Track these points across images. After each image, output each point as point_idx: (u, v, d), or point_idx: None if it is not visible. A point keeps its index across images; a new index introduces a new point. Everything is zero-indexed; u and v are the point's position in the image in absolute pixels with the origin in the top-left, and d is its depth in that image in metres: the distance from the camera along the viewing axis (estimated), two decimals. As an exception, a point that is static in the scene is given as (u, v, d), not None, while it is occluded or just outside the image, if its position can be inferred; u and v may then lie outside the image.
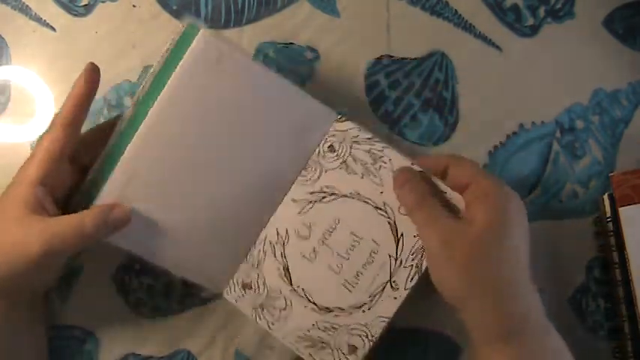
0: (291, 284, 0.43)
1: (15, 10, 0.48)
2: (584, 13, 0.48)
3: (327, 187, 0.42)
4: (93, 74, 0.40)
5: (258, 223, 0.43)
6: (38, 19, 0.48)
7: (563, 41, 0.48)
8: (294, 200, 0.43)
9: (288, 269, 0.43)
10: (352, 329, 0.42)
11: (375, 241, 0.42)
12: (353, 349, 0.42)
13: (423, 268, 0.41)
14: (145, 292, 0.46)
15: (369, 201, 0.42)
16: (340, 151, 0.43)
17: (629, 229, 0.43)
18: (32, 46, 0.48)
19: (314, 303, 0.42)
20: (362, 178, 0.42)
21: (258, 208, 0.43)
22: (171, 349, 0.46)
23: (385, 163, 0.42)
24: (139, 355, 0.46)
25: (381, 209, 0.42)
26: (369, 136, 0.42)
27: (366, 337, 0.42)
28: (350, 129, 0.42)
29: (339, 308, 0.42)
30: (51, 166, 0.38)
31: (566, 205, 0.47)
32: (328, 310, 0.42)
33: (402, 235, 0.41)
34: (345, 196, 0.42)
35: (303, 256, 0.42)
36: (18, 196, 0.38)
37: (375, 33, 0.48)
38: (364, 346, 0.42)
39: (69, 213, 0.39)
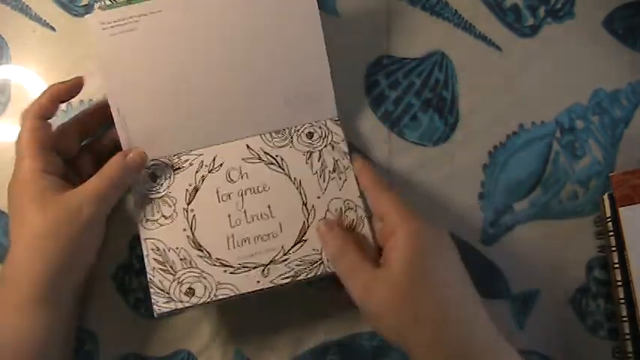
0: (188, 205, 0.43)
1: (15, 10, 0.48)
2: (584, 13, 0.48)
3: (281, 159, 0.44)
4: (77, 85, 0.43)
5: (211, 135, 0.44)
6: (38, 19, 0.48)
7: (563, 41, 0.48)
8: (248, 146, 0.44)
9: (196, 192, 0.43)
10: (204, 277, 0.42)
11: (280, 227, 0.43)
12: (191, 291, 0.42)
13: (300, 278, 0.42)
14: (144, 292, 0.46)
15: (303, 195, 0.43)
16: (314, 143, 0.44)
17: (629, 229, 0.43)
18: (32, 46, 0.48)
19: (193, 234, 0.43)
20: (313, 174, 0.44)
21: (221, 123, 0.44)
22: (171, 349, 0.46)
23: (340, 179, 0.43)
24: (139, 355, 0.46)
25: (306, 208, 0.43)
26: (346, 150, 0.44)
27: (210, 292, 0.42)
28: (336, 134, 0.44)
29: (208, 254, 0.42)
30: (44, 153, 0.40)
31: (566, 205, 0.47)
32: (199, 247, 0.43)
33: (304, 240, 0.43)
34: (289, 177, 0.44)
35: (217, 191, 0.43)
36: (33, 189, 0.39)
37: (375, 33, 0.48)
38: (201, 297, 0.42)
39: None
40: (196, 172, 0.44)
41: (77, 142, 0.44)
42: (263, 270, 0.42)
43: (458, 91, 0.47)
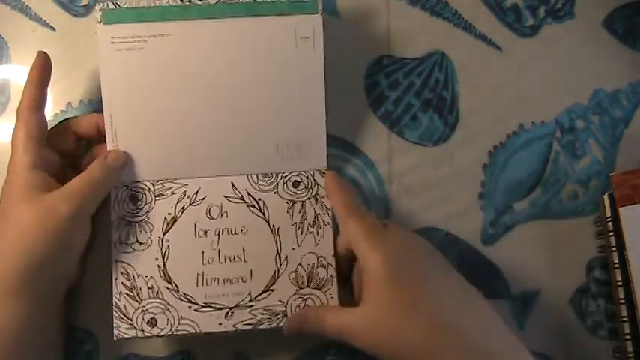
0: (164, 234, 0.43)
1: (15, 10, 0.48)
2: (584, 13, 0.48)
3: (263, 204, 0.44)
4: (45, 60, 0.43)
5: (198, 168, 0.44)
6: (38, 19, 0.48)
7: (563, 41, 0.48)
8: (232, 184, 0.44)
9: (174, 222, 0.43)
10: (168, 309, 0.42)
11: (251, 273, 0.43)
12: (153, 322, 0.42)
13: (262, 326, 0.42)
14: (144, 292, 0.46)
15: (279, 244, 0.43)
16: (299, 193, 0.44)
17: (629, 229, 0.43)
18: (32, 46, 0.48)
19: (164, 265, 0.43)
20: (292, 225, 0.44)
21: (209, 158, 0.44)
22: (172, 349, 0.46)
23: (317, 234, 0.43)
24: (139, 355, 0.46)
25: (279, 257, 0.43)
26: (329, 207, 0.44)
27: (172, 326, 0.42)
28: (322, 187, 0.44)
29: (176, 287, 0.43)
30: (36, 148, 0.40)
31: (566, 205, 0.47)
32: (169, 279, 0.43)
33: (272, 290, 0.43)
34: (268, 223, 0.43)
35: (194, 225, 0.43)
36: (21, 185, 0.39)
37: (375, 33, 0.48)
38: (162, 330, 0.42)
39: None
40: (177, 202, 0.44)
41: (73, 139, 0.44)
42: (227, 313, 0.42)
43: (458, 91, 0.47)
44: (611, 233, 0.44)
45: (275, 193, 0.44)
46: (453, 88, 0.48)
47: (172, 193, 0.44)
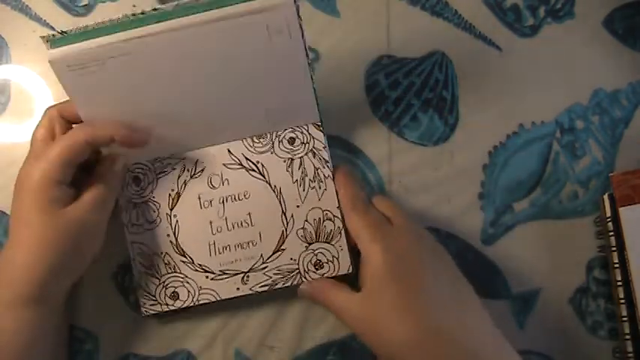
0: (171, 210, 0.44)
1: (15, 10, 0.48)
2: (584, 13, 0.48)
3: (262, 165, 0.44)
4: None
5: (192, 141, 0.44)
6: (38, 19, 0.48)
7: (563, 41, 0.48)
8: (229, 151, 0.44)
9: (178, 197, 0.44)
10: (187, 282, 0.43)
11: (260, 236, 0.43)
12: (175, 295, 0.43)
13: (278, 286, 0.43)
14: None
15: (283, 204, 0.43)
16: (295, 149, 0.44)
17: (629, 229, 0.43)
18: (32, 46, 0.48)
19: (176, 240, 0.44)
20: (293, 183, 0.44)
21: (202, 131, 0.43)
22: (171, 349, 0.46)
23: (319, 188, 0.43)
24: (139, 355, 0.46)
25: (285, 217, 0.43)
26: (327, 158, 0.44)
27: (193, 297, 0.43)
28: (317, 140, 0.44)
29: (191, 259, 0.43)
30: (70, 169, 0.40)
31: (566, 205, 0.47)
32: (183, 253, 0.44)
33: (282, 249, 0.43)
34: (269, 184, 0.44)
35: (198, 197, 0.44)
36: (43, 198, 0.39)
37: (375, 33, 0.48)
38: (185, 301, 0.43)
39: None
40: (178, 177, 0.44)
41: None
42: (243, 277, 0.43)
43: (458, 91, 0.47)
44: (611, 233, 0.44)
45: (272, 153, 0.44)
46: (453, 88, 0.48)
47: (173, 169, 0.44)
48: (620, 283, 0.44)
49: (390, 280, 0.38)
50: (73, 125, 0.42)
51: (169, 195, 0.44)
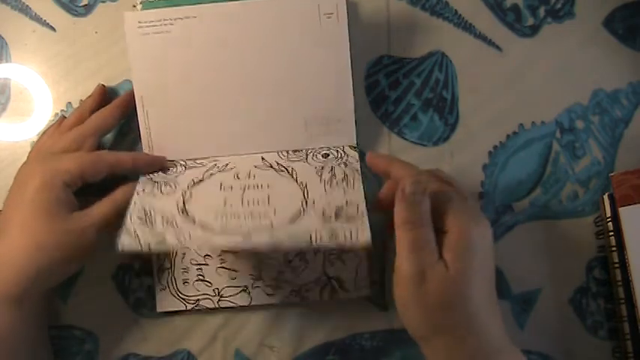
0: (188, 189, 0.42)
1: (15, 10, 0.48)
2: (584, 13, 0.48)
3: (292, 169, 0.44)
4: (131, 96, 0.45)
5: (228, 147, 0.45)
6: (38, 19, 0.48)
7: (563, 41, 0.48)
8: (263, 158, 0.45)
9: (200, 182, 0.43)
10: (182, 234, 0.39)
11: (274, 211, 0.40)
12: (162, 241, 0.39)
13: (282, 247, 0.39)
14: (145, 292, 0.46)
15: (306, 193, 0.42)
16: (329, 161, 0.44)
17: (629, 229, 0.43)
18: (32, 46, 0.48)
19: (184, 204, 0.41)
20: (320, 182, 0.43)
21: (240, 137, 0.45)
22: (172, 349, 0.46)
23: (347, 186, 0.42)
24: (139, 355, 0.46)
25: (305, 201, 0.41)
26: (359, 169, 0.43)
27: (181, 241, 0.39)
28: (351, 157, 0.44)
29: (193, 219, 0.40)
30: (81, 182, 0.41)
31: (566, 205, 0.47)
32: (186, 213, 0.41)
33: (296, 222, 0.40)
34: (296, 181, 0.43)
35: (220, 184, 0.43)
36: (49, 198, 0.39)
37: (375, 33, 0.48)
38: (171, 244, 0.39)
39: None
40: (206, 170, 0.44)
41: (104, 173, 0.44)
42: (245, 235, 0.39)
43: (458, 91, 0.47)
44: (611, 233, 0.44)
45: (304, 162, 0.44)
46: (453, 88, 0.48)
47: (202, 165, 0.44)
48: (620, 283, 0.44)
49: (472, 263, 0.36)
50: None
51: (192, 180, 0.43)
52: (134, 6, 0.47)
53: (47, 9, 0.48)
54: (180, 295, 0.45)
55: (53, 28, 0.48)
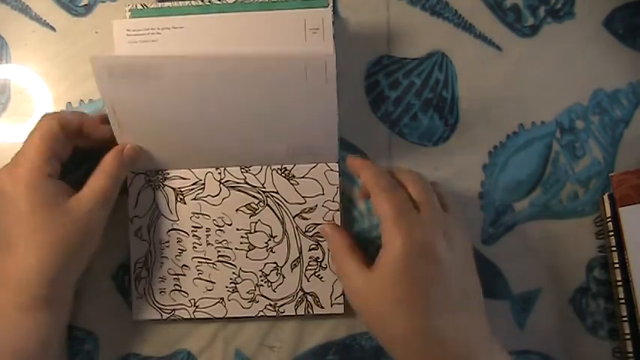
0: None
1: (15, 10, 0.48)
2: (584, 13, 0.48)
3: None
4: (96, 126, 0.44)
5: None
6: (38, 19, 0.48)
7: (563, 41, 0.48)
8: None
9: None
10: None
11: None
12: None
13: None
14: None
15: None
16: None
17: (629, 229, 0.43)
18: (32, 46, 0.48)
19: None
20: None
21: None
22: (172, 349, 0.46)
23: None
24: (139, 355, 0.46)
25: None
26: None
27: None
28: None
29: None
30: (54, 159, 0.40)
31: (566, 205, 0.47)
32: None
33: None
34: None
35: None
36: (44, 194, 0.39)
37: (375, 33, 0.48)
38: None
39: None
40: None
41: (72, 145, 0.43)
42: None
43: (458, 91, 0.47)
44: (611, 233, 0.44)
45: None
46: (453, 88, 0.48)
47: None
48: (620, 283, 0.44)
49: (403, 274, 0.37)
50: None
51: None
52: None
53: (47, 9, 0.48)
54: (156, 304, 0.45)
55: (53, 28, 0.48)
